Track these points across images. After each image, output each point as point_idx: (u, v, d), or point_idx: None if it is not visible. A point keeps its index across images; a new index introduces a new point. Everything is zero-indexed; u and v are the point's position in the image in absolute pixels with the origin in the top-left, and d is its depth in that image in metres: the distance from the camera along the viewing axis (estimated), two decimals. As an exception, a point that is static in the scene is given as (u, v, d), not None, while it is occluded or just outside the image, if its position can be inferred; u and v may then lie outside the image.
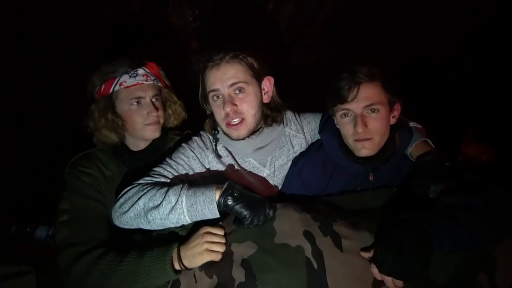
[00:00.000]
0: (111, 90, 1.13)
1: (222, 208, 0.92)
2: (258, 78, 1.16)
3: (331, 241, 0.82)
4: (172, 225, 0.96)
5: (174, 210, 0.93)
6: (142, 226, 0.98)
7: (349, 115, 1.09)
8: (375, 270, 0.78)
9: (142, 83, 1.14)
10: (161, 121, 1.22)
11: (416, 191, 1.00)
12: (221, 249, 0.88)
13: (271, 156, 1.22)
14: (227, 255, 0.86)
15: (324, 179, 1.19)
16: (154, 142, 1.23)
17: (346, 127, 1.11)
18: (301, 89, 1.75)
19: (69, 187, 1.12)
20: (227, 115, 1.11)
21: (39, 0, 1.49)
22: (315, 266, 0.77)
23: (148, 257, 0.92)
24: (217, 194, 0.92)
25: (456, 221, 0.82)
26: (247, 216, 0.88)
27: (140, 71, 1.15)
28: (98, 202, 1.12)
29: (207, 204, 0.92)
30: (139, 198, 0.95)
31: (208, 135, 1.25)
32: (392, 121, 1.12)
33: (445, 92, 2.07)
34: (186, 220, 0.94)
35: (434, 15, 1.99)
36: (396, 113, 1.12)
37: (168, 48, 1.97)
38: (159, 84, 1.21)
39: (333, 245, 0.81)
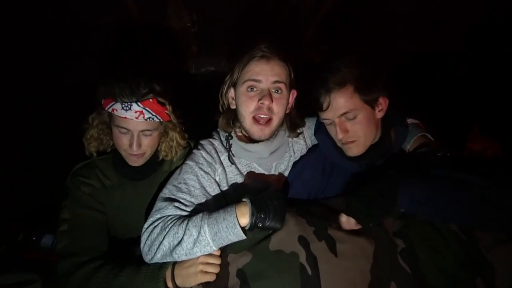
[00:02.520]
0: (106, 109, 1.09)
1: (253, 229, 0.89)
2: (290, 87, 1.18)
3: (326, 245, 0.82)
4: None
5: (198, 242, 0.89)
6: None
7: (329, 122, 1.11)
8: (343, 219, 0.88)
9: (132, 120, 1.06)
10: (148, 153, 1.16)
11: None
12: (216, 270, 0.88)
13: (276, 162, 1.22)
14: (224, 267, 0.87)
15: (324, 179, 1.19)
16: (153, 156, 1.20)
17: (331, 131, 1.13)
18: (300, 88, 1.74)
19: (70, 197, 1.13)
20: (259, 108, 1.11)
21: (35, 5, 1.50)
22: (309, 272, 0.77)
23: (143, 273, 0.93)
24: (241, 218, 0.89)
25: (436, 184, 0.85)
26: (279, 227, 0.87)
27: (134, 106, 1.05)
28: (98, 212, 1.13)
29: (230, 229, 0.88)
30: (163, 238, 0.92)
31: (214, 144, 1.22)
32: (379, 115, 1.10)
33: (450, 88, 2.03)
34: (213, 249, 0.90)
35: (436, 10, 1.95)
36: (382, 107, 1.10)
37: (167, 53, 1.97)
38: (158, 120, 1.12)
39: (328, 250, 0.81)
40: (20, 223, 1.52)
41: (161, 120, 1.12)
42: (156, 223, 0.97)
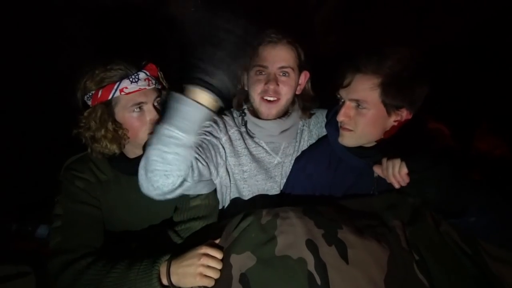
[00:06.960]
0: (110, 97, 1.02)
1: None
2: (300, 69, 1.23)
3: (336, 251, 0.77)
4: (180, 152, 0.84)
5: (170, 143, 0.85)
6: (159, 168, 0.86)
7: (340, 99, 1.07)
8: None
9: (145, 89, 1.04)
10: None
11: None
12: (216, 275, 0.84)
13: (285, 143, 1.27)
14: (226, 269, 0.82)
15: (329, 173, 1.16)
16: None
17: (338, 110, 1.09)
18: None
19: (63, 192, 1.09)
20: (265, 90, 1.18)
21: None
22: (318, 281, 0.72)
23: (135, 270, 0.90)
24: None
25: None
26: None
27: (142, 74, 1.04)
28: (92, 207, 1.09)
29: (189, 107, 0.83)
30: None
31: (224, 118, 1.28)
32: (392, 124, 1.03)
33: (457, 84, 1.98)
34: (180, 134, 0.83)
35: (446, 4, 1.89)
36: (400, 119, 1.02)
37: (167, 40, 1.90)
38: (159, 87, 1.11)
39: (338, 256, 0.76)
40: (12, 214, 1.49)
41: (160, 87, 1.13)
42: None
